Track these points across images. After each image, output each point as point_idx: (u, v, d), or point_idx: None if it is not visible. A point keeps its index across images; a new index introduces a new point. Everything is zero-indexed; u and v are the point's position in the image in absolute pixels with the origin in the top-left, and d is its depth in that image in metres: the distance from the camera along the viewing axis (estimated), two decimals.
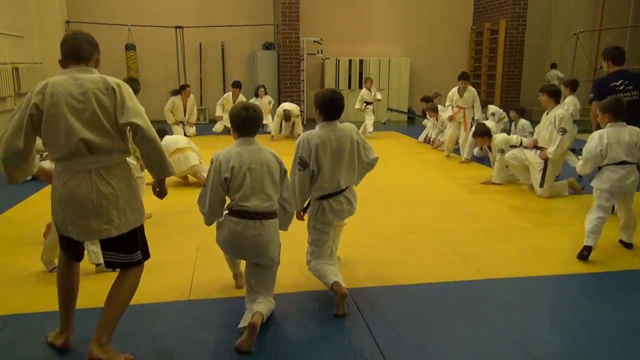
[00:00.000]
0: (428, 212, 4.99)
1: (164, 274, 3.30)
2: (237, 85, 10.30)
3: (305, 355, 2.53)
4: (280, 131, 9.78)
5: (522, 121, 7.93)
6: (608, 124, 3.75)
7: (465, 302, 3.10)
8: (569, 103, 6.79)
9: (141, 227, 2.49)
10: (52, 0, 10.45)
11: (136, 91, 4.35)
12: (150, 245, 3.08)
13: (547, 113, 5.54)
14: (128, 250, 2.42)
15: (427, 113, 9.31)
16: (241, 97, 10.41)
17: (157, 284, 3.04)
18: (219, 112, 10.30)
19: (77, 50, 2.36)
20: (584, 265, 3.62)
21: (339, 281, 2.96)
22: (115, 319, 2.38)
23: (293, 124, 9.81)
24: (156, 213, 4.85)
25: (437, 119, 8.89)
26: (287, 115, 9.43)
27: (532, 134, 6.52)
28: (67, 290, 2.54)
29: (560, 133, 5.27)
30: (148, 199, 5.57)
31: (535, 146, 5.58)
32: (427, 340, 2.66)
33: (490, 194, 5.68)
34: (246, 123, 2.71)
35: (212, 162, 2.71)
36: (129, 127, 2.30)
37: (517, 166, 5.79)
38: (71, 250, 2.49)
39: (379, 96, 10.36)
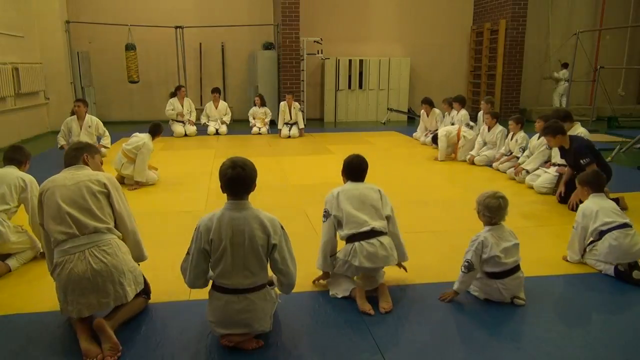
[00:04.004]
0: (428, 212, 4.99)
1: (164, 274, 3.30)
2: (216, 91, 10.58)
3: (306, 355, 2.53)
4: (288, 132, 9.86)
5: (522, 134, 6.77)
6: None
7: (465, 302, 3.09)
8: (464, 115, 8.23)
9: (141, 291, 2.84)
10: (52, 0, 10.44)
11: (158, 134, 6.15)
12: (151, 245, 3.09)
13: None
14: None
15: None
16: (222, 104, 10.51)
17: (157, 284, 3.04)
18: (204, 121, 10.53)
19: (67, 160, 2.87)
20: (584, 265, 3.62)
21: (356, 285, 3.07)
22: (123, 317, 2.71)
23: (296, 123, 9.92)
24: (156, 213, 4.85)
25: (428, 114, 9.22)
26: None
27: (524, 149, 6.47)
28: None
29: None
30: (149, 199, 5.59)
31: (553, 164, 5.83)
32: (427, 340, 2.66)
33: None
34: (233, 183, 2.46)
35: (195, 229, 2.52)
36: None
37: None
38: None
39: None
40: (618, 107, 12.31)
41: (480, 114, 8.24)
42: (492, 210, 3.00)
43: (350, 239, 3.00)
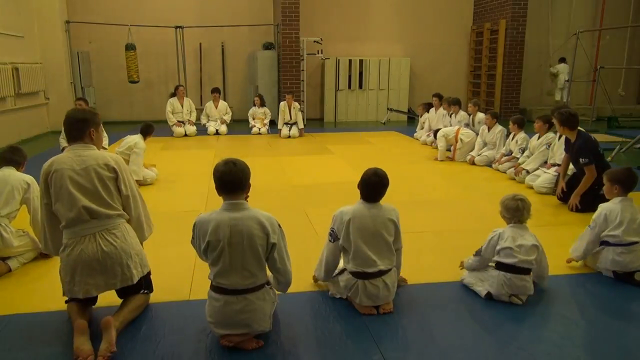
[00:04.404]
0: (428, 212, 4.99)
1: (164, 274, 3.30)
2: (216, 90, 10.58)
3: (306, 355, 2.53)
4: (288, 132, 9.85)
5: (522, 135, 6.69)
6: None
7: (465, 302, 3.10)
8: (463, 116, 8.27)
9: (146, 275, 2.87)
10: (52, 0, 10.44)
11: (150, 133, 6.28)
12: (151, 246, 3.09)
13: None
14: (133, 292, 2.81)
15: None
16: (222, 103, 10.51)
17: (157, 284, 3.03)
18: (204, 121, 10.51)
19: (70, 132, 2.76)
20: (584, 266, 3.62)
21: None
22: (129, 317, 2.75)
23: (295, 123, 9.91)
24: (156, 213, 4.85)
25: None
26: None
27: (523, 150, 6.47)
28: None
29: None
30: (149, 199, 5.56)
31: (553, 164, 5.83)
32: (427, 340, 2.66)
33: (491, 194, 5.68)
34: (226, 179, 2.47)
35: (194, 225, 2.55)
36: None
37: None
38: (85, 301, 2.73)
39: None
40: (618, 107, 12.31)
41: (471, 118, 8.25)
42: (510, 211, 3.12)
43: (354, 274, 2.89)
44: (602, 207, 3.47)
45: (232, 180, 2.49)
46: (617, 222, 3.36)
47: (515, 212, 3.10)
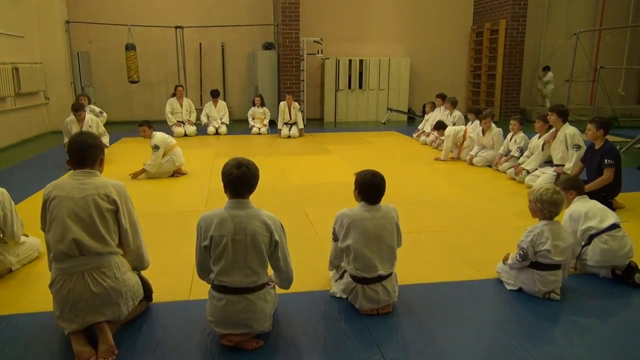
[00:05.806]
0: (428, 212, 4.99)
1: (164, 274, 3.31)
2: (215, 95, 10.55)
3: (305, 355, 2.53)
4: (288, 132, 9.85)
5: (521, 134, 6.71)
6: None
7: (465, 302, 3.10)
8: (458, 117, 8.73)
9: (145, 287, 2.84)
10: (52, 0, 10.44)
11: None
12: (150, 246, 3.08)
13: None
14: None
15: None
16: (221, 103, 10.51)
17: (157, 284, 3.03)
18: (205, 121, 10.49)
19: (81, 159, 2.59)
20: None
21: None
22: (123, 320, 2.68)
23: (295, 123, 9.91)
24: (156, 213, 4.85)
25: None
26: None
27: (521, 149, 6.48)
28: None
29: (575, 149, 5.55)
30: (149, 199, 5.58)
31: (553, 164, 5.85)
32: (427, 340, 2.67)
33: (491, 194, 5.68)
34: (238, 182, 2.48)
35: (197, 225, 2.54)
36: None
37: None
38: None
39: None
40: (618, 107, 12.32)
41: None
42: (558, 205, 3.11)
43: (354, 278, 2.89)
44: (565, 212, 3.51)
45: (245, 184, 2.50)
46: (583, 215, 3.44)
47: (562, 204, 3.14)
